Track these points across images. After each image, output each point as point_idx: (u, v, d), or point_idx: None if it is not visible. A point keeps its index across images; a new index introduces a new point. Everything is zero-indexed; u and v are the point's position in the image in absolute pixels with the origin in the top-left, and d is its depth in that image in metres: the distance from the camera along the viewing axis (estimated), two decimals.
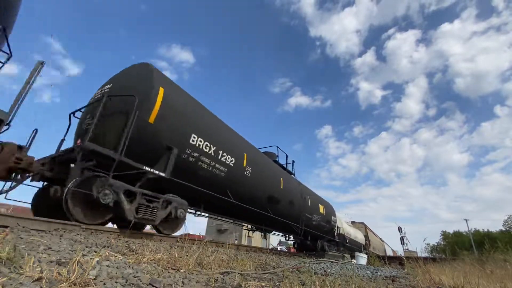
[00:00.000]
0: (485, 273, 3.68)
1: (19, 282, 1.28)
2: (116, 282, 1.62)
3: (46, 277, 1.40)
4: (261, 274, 2.89)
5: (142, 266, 2.12)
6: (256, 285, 2.20)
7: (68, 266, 1.61)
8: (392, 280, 3.81)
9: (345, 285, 2.61)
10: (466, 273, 3.38)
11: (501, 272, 3.79)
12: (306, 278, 2.72)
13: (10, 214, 2.90)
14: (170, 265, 2.41)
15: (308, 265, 4.44)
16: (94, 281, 1.53)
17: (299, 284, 2.36)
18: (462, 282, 2.98)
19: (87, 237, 3.03)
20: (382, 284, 3.33)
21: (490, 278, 3.23)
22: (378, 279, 3.92)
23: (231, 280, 2.27)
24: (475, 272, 3.71)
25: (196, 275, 2.26)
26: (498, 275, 3.51)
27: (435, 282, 3.16)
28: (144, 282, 1.71)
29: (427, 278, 3.34)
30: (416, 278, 3.76)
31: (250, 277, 2.59)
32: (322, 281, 2.57)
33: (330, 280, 2.58)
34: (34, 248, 1.98)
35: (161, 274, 2.02)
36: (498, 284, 2.96)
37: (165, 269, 2.24)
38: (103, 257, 2.09)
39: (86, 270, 1.62)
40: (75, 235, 2.98)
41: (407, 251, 29.86)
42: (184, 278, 2.07)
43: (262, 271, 3.10)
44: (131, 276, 1.76)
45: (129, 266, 1.98)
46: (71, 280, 1.42)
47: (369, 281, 3.44)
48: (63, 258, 1.81)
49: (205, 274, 2.35)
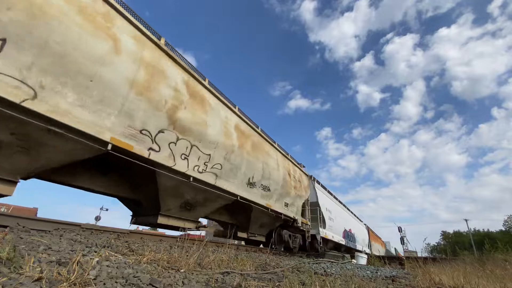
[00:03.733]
0: (485, 273, 3.68)
1: (19, 282, 1.28)
2: (116, 282, 1.62)
3: (46, 277, 1.40)
4: (261, 274, 2.89)
5: (142, 266, 2.12)
6: (256, 285, 2.20)
7: (68, 266, 1.61)
8: (392, 280, 3.81)
9: (345, 285, 2.61)
10: (466, 273, 3.38)
11: (501, 272, 3.79)
12: (306, 278, 2.72)
13: (10, 214, 2.90)
14: (170, 265, 2.41)
15: (308, 265, 4.44)
16: (94, 281, 1.53)
17: (299, 284, 2.36)
18: (462, 282, 2.98)
19: (87, 237, 3.04)
20: (382, 284, 3.33)
21: (490, 278, 3.23)
22: (378, 279, 3.92)
23: (231, 280, 2.27)
24: (475, 272, 3.71)
25: (196, 275, 2.26)
26: (498, 275, 3.51)
27: (435, 282, 3.16)
28: (144, 282, 1.71)
29: (427, 278, 3.34)
30: (416, 278, 3.76)
31: (250, 277, 2.59)
32: (322, 281, 2.57)
33: (330, 280, 2.57)
34: (34, 248, 1.98)
35: (161, 274, 2.02)
36: (498, 284, 2.95)
37: (165, 269, 2.24)
38: (103, 257, 2.09)
39: (86, 270, 1.62)
40: (75, 235, 2.98)
41: (407, 251, 29.83)
42: (184, 278, 2.07)
43: (262, 271, 3.10)
44: (131, 276, 1.76)
45: (129, 266, 1.98)
46: (71, 280, 1.42)
47: (369, 281, 3.44)
48: (63, 258, 1.81)
49: (205, 274, 2.35)
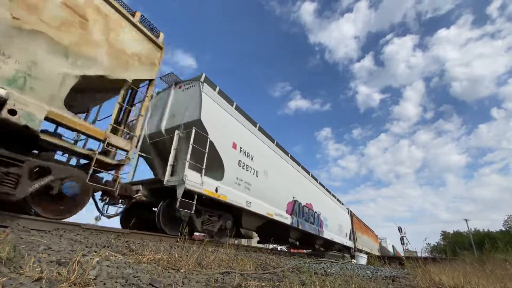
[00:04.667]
0: (485, 273, 3.68)
1: (19, 282, 1.28)
2: (116, 282, 1.62)
3: (46, 277, 1.40)
4: (261, 274, 2.89)
5: (142, 266, 2.12)
6: (256, 285, 2.20)
7: (68, 266, 1.61)
8: (392, 280, 3.81)
9: (345, 285, 2.61)
10: (466, 273, 3.38)
11: (501, 272, 3.79)
12: (306, 278, 2.72)
13: (10, 214, 2.90)
14: (170, 265, 2.41)
15: (308, 265, 4.43)
16: (94, 281, 1.53)
17: (299, 284, 2.36)
18: (462, 282, 2.98)
19: (87, 237, 3.04)
20: (382, 284, 3.33)
21: (490, 278, 3.22)
22: (378, 279, 3.92)
23: (231, 280, 2.27)
24: (475, 272, 3.71)
25: (196, 275, 2.26)
26: (498, 275, 3.51)
27: (435, 282, 3.16)
28: (144, 282, 1.71)
29: (427, 278, 3.34)
30: (416, 278, 3.76)
31: (250, 277, 2.59)
32: (322, 281, 2.56)
33: (330, 280, 2.57)
34: (34, 248, 1.98)
35: (161, 274, 2.02)
36: (498, 284, 2.95)
37: (165, 269, 2.24)
38: (103, 257, 2.09)
39: (86, 270, 1.62)
40: (75, 235, 2.98)
41: (407, 251, 29.81)
42: (184, 278, 2.07)
43: (262, 271, 3.10)
44: (131, 276, 1.76)
45: (129, 266, 1.98)
46: (71, 280, 1.42)
47: (369, 281, 3.44)
48: (63, 258, 1.81)
49: (205, 274, 2.35)
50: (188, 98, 6.02)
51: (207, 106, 5.77)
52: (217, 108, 6.27)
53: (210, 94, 6.11)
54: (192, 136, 5.19)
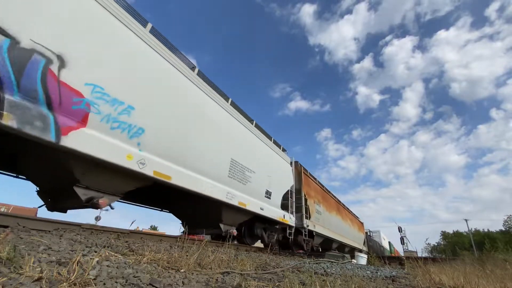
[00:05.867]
0: (485, 273, 3.68)
1: (19, 282, 1.28)
2: (116, 282, 1.62)
3: (46, 277, 1.40)
4: (261, 274, 2.89)
5: (142, 266, 2.12)
6: (256, 285, 2.20)
7: (68, 266, 1.61)
8: (392, 280, 3.81)
9: (345, 285, 2.61)
10: (466, 273, 3.38)
11: (501, 272, 3.79)
12: (306, 278, 2.72)
13: (10, 214, 2.90)
14: (170, 265, 2.41)
15: (308, 265, 4.44)
16: (94, 281, 1.53)
17: (299, 284, 2.36)
18: (462, 282, 2.98)
19: (87, 237, 3.03)
20: (382, 284, 3.33)
21: (490, 278, 3.23)
22: (378, 279, 3.92)
23: (231, 280, 2.27)
24: (475, 272, 3.71)
25: (196, 275, 2.26)
26: (498, 275, 3.51)
27: (435, 282, 3.16)
28: (144, 282, 1.71)
29: (427, 278, 3.34)
30: (416, 278, 3.76)
31: (250, 277, 2.59)
32: (322, 281, 2.57)
33: (330, 280, 2.58)
34: (34, 248, 1.98)
35: (161, 274, 2.02)
36: (498, 284, 2.95)
37: (165, 269, 2.24)
38: (103, 257, 2.09)
39: (86, 270, 1.62)
40: (75, 235, 2.98)
41: (407, 251, 29.75)
42: (184, 278, 2.07)
43: (262, 271, 3.10)
44: (131, 276, 1.76)
45: (129, 266, 1.98)
46: (71, 280, 1.42)
47: (369, 281, 3.44)
48: (63, 258, 1.81)
49: (205, 274, 2.35)
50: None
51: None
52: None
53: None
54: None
